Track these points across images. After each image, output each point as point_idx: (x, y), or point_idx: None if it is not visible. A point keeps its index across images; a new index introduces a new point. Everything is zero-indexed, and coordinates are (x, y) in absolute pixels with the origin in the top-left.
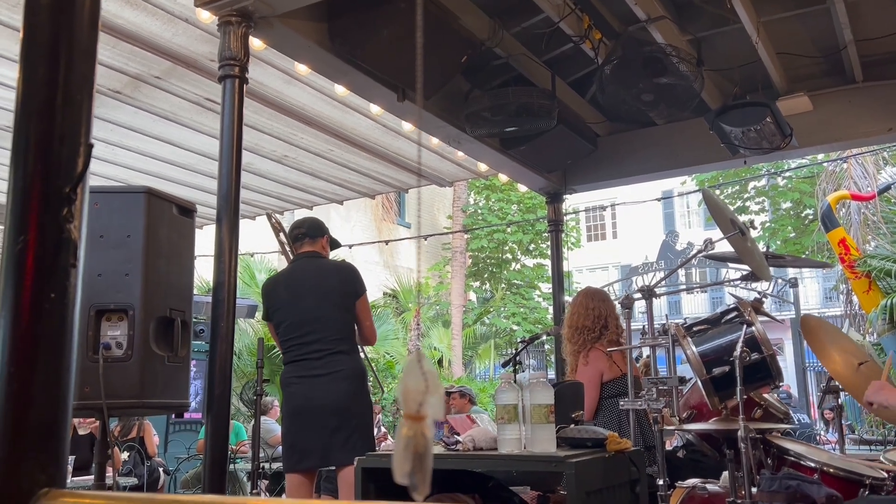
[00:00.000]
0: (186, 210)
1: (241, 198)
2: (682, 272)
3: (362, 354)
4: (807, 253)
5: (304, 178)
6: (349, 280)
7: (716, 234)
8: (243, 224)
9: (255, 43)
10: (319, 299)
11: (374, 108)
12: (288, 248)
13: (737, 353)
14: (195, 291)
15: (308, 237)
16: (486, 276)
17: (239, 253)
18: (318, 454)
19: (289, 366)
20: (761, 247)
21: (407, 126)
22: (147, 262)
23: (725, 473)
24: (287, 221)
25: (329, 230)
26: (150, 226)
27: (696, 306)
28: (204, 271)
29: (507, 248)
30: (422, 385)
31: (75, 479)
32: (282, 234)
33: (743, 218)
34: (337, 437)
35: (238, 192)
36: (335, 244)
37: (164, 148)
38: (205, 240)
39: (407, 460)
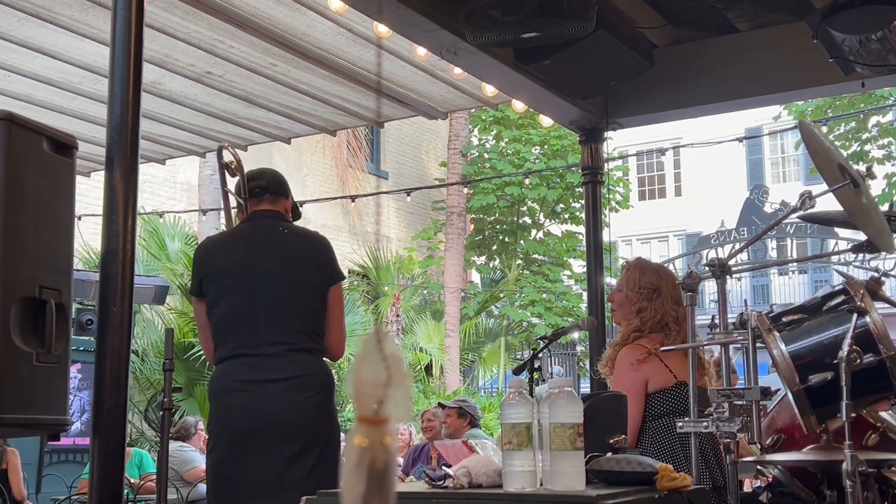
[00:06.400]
0: (64, 146)
1: (143, 132)
2: (772, 244)
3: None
4: None
5: (235, 104)
6: (326, 257)
7: (820, 187)
8: (148, 171)
9: None
10: (285, 273)
11: (335, 3)
12: (242, 202)
13: (843, 353)
14: (78, 264)
15: (269, 193)
16: (494, 247)
17: (143, 212)
18: (267, 491)
19: (226, 364)
20: (884, 207)
21: (383, 29)
22: (6, 219)
23: None
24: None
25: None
26: (10, 168)
27: (791, 293)
28: (91, 236)
29: (524, 208)
30: (381, 374)
31: None
32: (235, 181)
33: (859, 167)
34: (296, 466)
35: (137, 124)
36: (296, 214)
37: (34, 59)
38: (92, 191)
39: (360, 480)
